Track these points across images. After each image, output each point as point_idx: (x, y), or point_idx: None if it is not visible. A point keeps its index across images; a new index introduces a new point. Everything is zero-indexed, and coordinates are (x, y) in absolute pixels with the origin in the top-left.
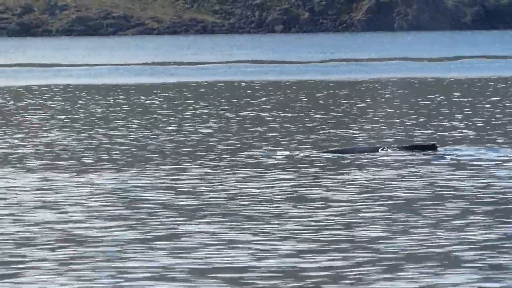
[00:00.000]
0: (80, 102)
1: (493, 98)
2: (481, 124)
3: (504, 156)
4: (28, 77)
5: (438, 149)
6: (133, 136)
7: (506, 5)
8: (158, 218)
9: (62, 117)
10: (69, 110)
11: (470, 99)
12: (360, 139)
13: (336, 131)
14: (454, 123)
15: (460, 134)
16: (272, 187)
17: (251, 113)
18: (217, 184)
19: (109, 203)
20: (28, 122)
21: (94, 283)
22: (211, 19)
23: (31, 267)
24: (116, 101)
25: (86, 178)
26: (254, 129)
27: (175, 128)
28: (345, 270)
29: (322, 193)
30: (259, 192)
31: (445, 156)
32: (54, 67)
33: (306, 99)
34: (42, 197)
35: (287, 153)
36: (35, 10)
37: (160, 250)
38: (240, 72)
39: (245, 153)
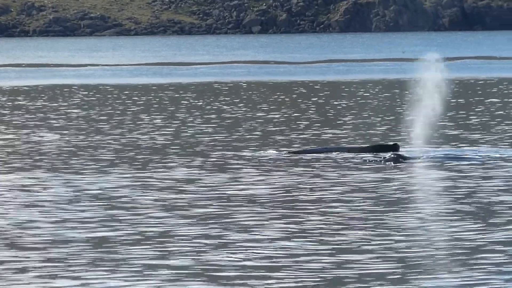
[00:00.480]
0: (71, 102)
1: (476, 98)
2: (464, 124)
3: (490, 157)
4: (13, 77)
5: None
6: (122, 136)
7: (484, 7)
8: (145, 218)
9: (52, 117)
10: (60, 111)
11: (454, 100)
12: (334, 140)
13: (313, 132)
14: (437, 123)
15: (441, 134)
16: (250, 188)
17: (233, 114)
18: (201, 185)
19: (96, 204)
20: (15, 122)
21: (79, 283)
22: (189, 20)
23: (14, 268)
24: (107, 101)
25: (73, 177)
26: (236, 129)
27: (159, 129)
28: (334, 271)
29: (304, 194)
30: (241, 193)
31: (429, 157)
32: (40, 67)
33: (289, 100)
34: (27, 197)
35: (259, 153)
36: (12, 11)
37: (147, 250)
38: (230, 73)
39: (226, 154)
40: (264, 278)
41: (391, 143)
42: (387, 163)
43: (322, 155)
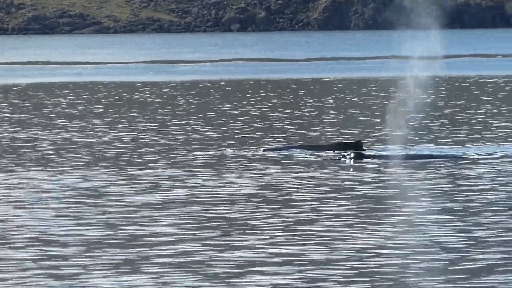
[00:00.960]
0: (64, 100)
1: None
2: (440, 123)
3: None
4: (6, 75)
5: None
6: (105, 134)
7: (462, 5)
8: (135, 218)
9: (45, 115)
10: (53, 108)
11: (432, 98)
12: (313, 138)
13: (297, 130)
14: (412, 122)
15: (415, 133)
16: (228, 186)
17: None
18: (179, 183)
19: (76, 202)
20: (11, 120)
21: (60, 282)
22: (168, 17)
23: (7, 266)
24: (100, 100)
25: (56, 176)
26: (225, 127)
27: (142, 128)
28: (323, 269)
29: (281, 193)
30: (219, 191)
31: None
32: (28, 65)
33: (274, 98)
34: (11, 194)
35: (241, 152)
36: None
37: (136, 249)
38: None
39: (204, 152)
40: (257, 275)
41: (354, 140)
42: (347, 161)
43: (289, 153)
